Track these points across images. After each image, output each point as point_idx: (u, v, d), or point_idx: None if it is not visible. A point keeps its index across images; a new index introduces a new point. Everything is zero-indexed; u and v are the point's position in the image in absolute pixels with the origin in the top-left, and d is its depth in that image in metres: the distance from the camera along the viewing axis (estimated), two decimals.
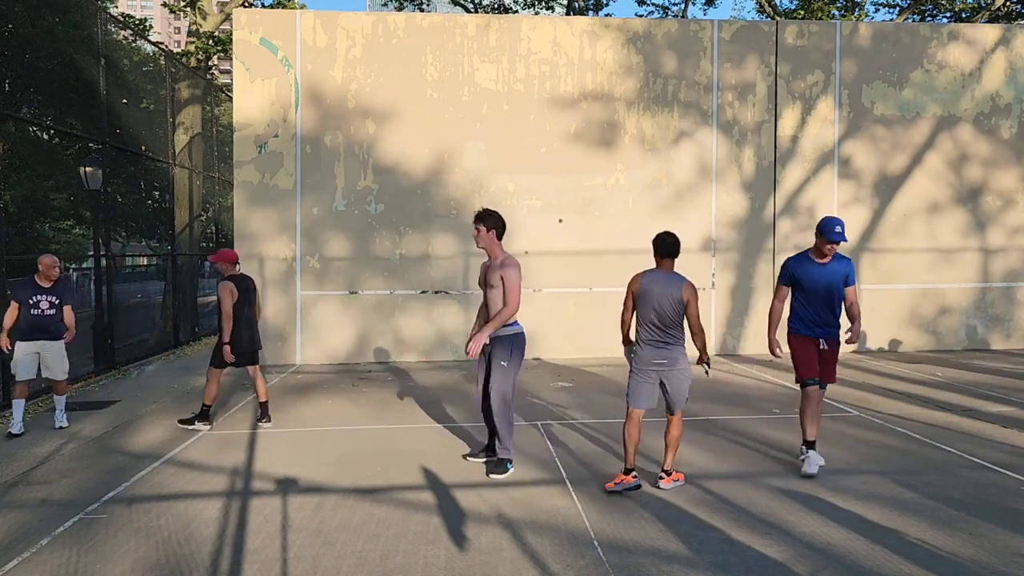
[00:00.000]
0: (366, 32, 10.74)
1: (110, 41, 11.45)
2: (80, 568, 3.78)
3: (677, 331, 4.92)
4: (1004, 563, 3.76)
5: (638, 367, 4.94)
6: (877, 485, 5.00)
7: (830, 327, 5.46)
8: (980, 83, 11.66)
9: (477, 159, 10.90)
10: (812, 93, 11.44)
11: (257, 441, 6.29)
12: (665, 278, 4.89)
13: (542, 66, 11.02)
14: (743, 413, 7.28)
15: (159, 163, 12.68)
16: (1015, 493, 4.83)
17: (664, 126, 11.21)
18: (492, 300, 5.22)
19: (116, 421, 7.05)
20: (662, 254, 4.98)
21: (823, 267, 5.37)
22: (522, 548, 4.00)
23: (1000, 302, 11.75)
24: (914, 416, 7.06)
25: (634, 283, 4.99)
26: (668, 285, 4.84)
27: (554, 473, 5.35)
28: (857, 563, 3.77)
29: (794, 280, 5.48)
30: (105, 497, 4.85)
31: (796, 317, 5.55)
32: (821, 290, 5.36)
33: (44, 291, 6.64)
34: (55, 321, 6.71)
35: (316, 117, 10.68)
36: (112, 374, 9.79)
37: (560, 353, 11.00)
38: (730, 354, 11.33)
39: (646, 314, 4.88)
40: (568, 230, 11.04)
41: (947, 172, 11.63)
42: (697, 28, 11.34)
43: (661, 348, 4.88)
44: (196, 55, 14.60)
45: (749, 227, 11.39)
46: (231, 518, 4.46)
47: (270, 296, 10.61)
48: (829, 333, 5.47)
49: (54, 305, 6.68)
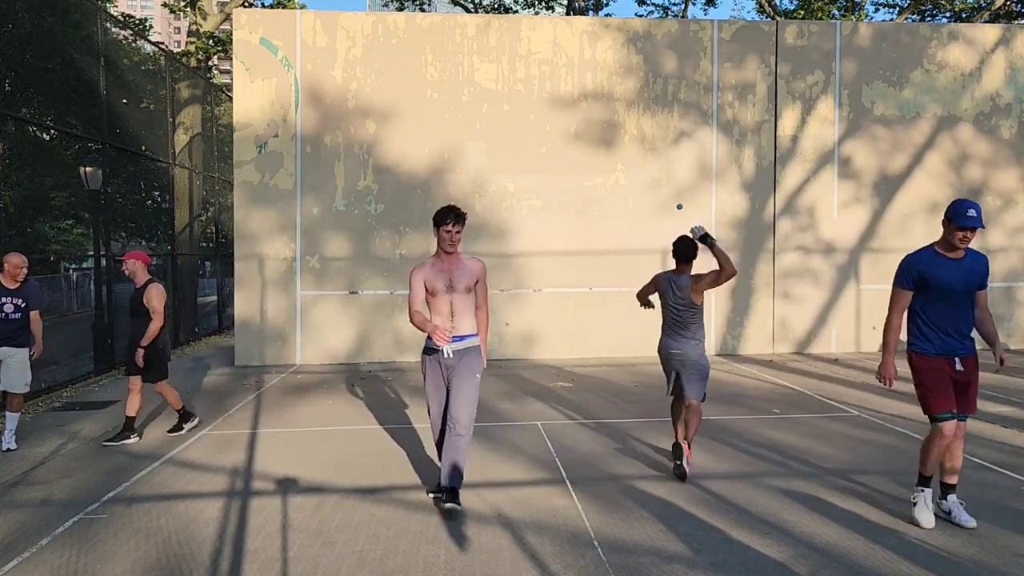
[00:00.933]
0: (366, 32, 10.75)
1: (110, 41, 11.45)
2: (80, 568, 3.78)
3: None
4: (1004, 563, 3.76)
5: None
6: (877, 485, 5.00)
7: (966, 341, 4.25)
8: (980, 83, 11.66)
9: (477, 159, 10.91)
10: (812, 93, 11.44)
11: (257, 441, 6.29)
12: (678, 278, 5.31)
13: (542, 66, 11.02)
14: (743, 413, 7.28)
15: (159, 163, 12.68)
16: (1015, 493, 4.83)
17: (664, 126, 11.21)
18: (464, 305, 4.53)
19: (116, 421, 7.05)
20: (678, 257, 5.30)
21: (958, 264, 4.18)
22: (522, 548, 4.00)
23: (1000, 302, 11.74)
24: (914, 416, 7.06)
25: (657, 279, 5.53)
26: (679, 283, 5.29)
27: (554, 473, 5.35)
28: (857, 563, 3.77)
29: (921, 282, 4.27)
30: (105, 497, 4.84)
31: (919, 332, 4.41)
32: (956, 294, 4.20)
33: (9, 292, 6.10)
34: (19, 327, 6.16)
35: (316, 117, 10.68)
36: (112, 374, 9.78)
37: (560, 353, 11.00)
38: (730, 354, 11.33)
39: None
40: (568, 230, 11.04)
41: (947, 172, 11.63)
42: (697, 28, 11.34)
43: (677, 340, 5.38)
44: (196, 55, 14.61)
45: (749, 227, 11.39)
46: (231, 518, 4.46)
47: (270, 296, 10.62)
48: (965, 349, 4.25)
49: (19, 308, 6.13)
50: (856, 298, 11.51)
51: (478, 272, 4.58)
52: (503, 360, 10.85)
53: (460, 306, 4.51)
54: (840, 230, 11.47)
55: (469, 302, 4.55)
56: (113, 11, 18.11)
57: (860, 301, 11.51)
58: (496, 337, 10.94)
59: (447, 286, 4.47)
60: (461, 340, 4.48)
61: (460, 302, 4.51)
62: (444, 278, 4.47)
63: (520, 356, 10.98)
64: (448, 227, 4.43)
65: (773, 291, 11.44)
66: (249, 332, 10.60)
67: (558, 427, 6.75)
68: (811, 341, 11.51)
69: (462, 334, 4.49)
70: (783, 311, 11.46)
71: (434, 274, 4.49)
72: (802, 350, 11.48)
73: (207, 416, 7.27)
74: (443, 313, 4.47)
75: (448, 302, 4.49)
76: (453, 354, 4.42)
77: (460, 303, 4.51)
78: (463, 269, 4.53)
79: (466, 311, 4.53)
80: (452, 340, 4.35)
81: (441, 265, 4.50)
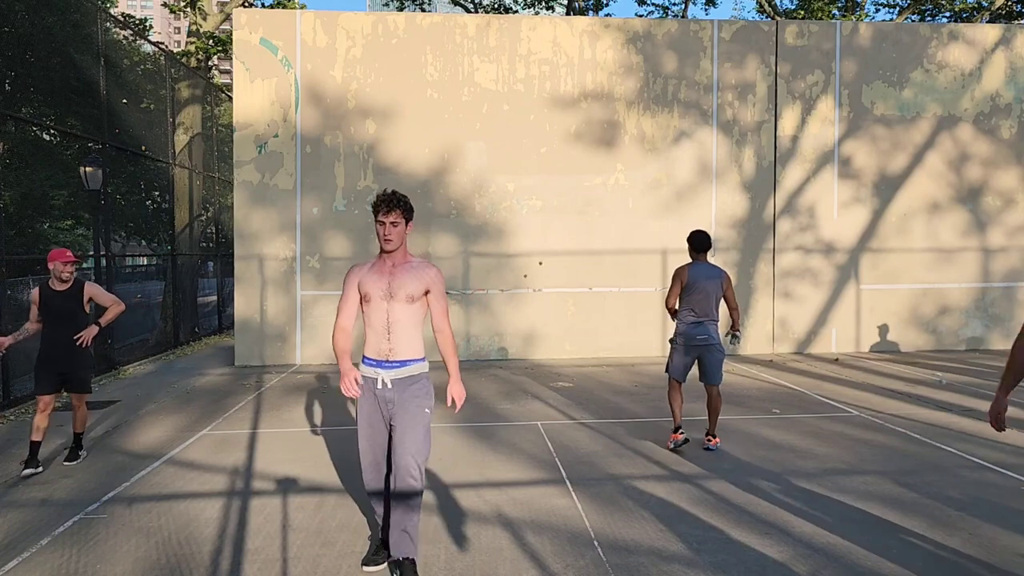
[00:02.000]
0: (366, 32, 10.74)
1: (110, 41, 11.45)
2: (80, 568, 3.78)
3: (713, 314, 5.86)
4: (1004, 563, 3.76)
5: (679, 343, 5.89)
6: (877, 485, 5.00)
7: None
8: (980, 83, 11.66)
9: (477, 159, 10.90)
10: (812, 93, 11.44)
11: (257, 441, 6.29)
12: (708, 269, 5.83)
13: (542, 66, 11.02)
14: (743, 413, 7.28)
15: (159, 163, 12.68)
16: (1015, 493, 4.83)
17: (664, 126, 11.21)
18: (406, 319, 3.57)
19: (116, 421, 7.05)
20: (699, 249, 5.85)
21: None
22: (522, 548, 4.00)
23: (1000, 302, 11.75)
24: (914, 416, 7.06)
25: (682, 273, 5.81)
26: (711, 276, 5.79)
27: (554, 473, 5.35)
28: (857, 563, 3.77)
29: None
30: (105, 497, 4.84)
31: None
32: None
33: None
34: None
35: (316, 117, 10.68)
36: (112, 374, 9.78)
37: (560, 353, 11.00)
38: (730, 354, 11.31)
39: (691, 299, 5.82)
40: (568, 230, 11.04)
41: (947, 172, 11.63)
42: (697, 28, 11.34)
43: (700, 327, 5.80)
44: (196, 55, 14.60)
45: (749, 227, 11.38)
46: (231, 518, 4.46)
47: (270, 296, 10.62)
48: None
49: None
50: (856, 298, 11.50)
51: (429, 280, 3.62)
52: (503, 360, 10.85)
53: (400, 320, 3.55)
54: (840, 230, 11.47)
55: (414, 316, 3.59)
56: (113, 11, 18.11)
57: (860, 301, 11.51)
58: (496, 336, 10.94)
59: (385, 293, 3.55)
60: (401, 366, 3.55)
61: (401, 315, 3.55)
62: (382, 282, 3.57)
63: (520, 356, 10.98)
64: (382, 217, 3.54)
65: (773, 291, 11.43)
66: (249, 332, 10.60)
67: (558, 427, 6.75)
68: (811, 341, 11.51)
69: (403, 358, 3.56)
70: (783, 311, 11.46)
71: (372, 276, 3.60)
72: (802, 350, 11.48)
73: (207, 416, 7.27)
74: (377, 328, 3.56)
75: (384, 314, 3.55)
76: (391, 383, 3.55)
77: (400, 316, 3.55)
78: (408, 274, 3.60)
79: (409, 328, 3.57)
80: (389, 366, 3.54)
81: (382, 267, 3.63)
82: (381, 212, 3.53)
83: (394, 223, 3.53)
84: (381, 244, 3.54)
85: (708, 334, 5.77)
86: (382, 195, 3.57)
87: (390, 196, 3.56)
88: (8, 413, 7.40)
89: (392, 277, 3.58)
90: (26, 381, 7.75)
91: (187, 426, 6.85)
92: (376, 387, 3.57)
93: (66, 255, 5.55)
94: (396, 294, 3.55)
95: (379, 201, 3.55)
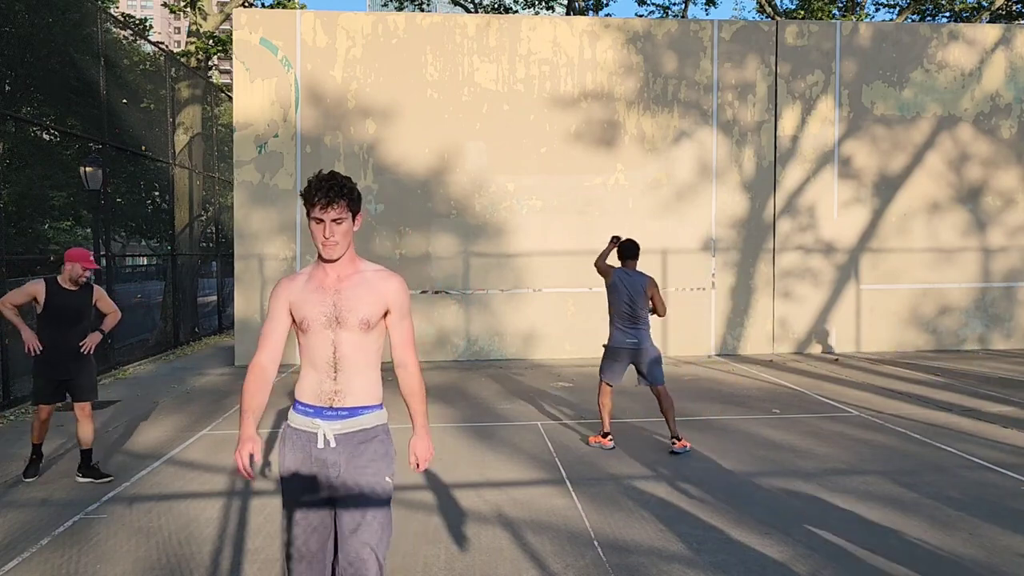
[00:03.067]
0: (366, 32, 10.74)
1: (110, 41, 11.45)
2: (80, 568, 3.78)
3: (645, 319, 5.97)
4: (1004, 563, 3.76)
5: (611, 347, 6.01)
6: (877, 485, 5.00)
7: None
8: (980, 83, 11.66)
9: (477, 159, 10.90)
10: (812, 93, 11.44)
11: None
12: (635, 275, 5.94)
13: (542, 66, 11.01)
14: (743, 413, 7.28)
15: (159, 163, 12.68)
16: (1015, 493, 4.83)
17: (664, 126, 11.21)
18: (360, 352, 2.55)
19: (116, 421, 7.05)
20: (627, 256, 6.01)
21: None
22: (522, 548, 4.00)
23: (1000, 302, 11.75)
24: (914, 416, 7.06)
25: (609, 271, 5.98)
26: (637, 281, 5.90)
27: (554, 473, 5.35)
28: (857, 563, 3.77)
29: None
30: (105, 497, 4.84)
31: None
32: None
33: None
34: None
35: (316, 117, 10.68)
36: (112, 374, 9.78)
37: (560, 353, 11.00)
38: (730, 354, 11.33)
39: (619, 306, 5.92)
40: (568, 230, 11.04)
41: (947, 172, 11.63)
42: (697, 28, 11.34)
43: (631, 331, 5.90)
44: (196, 55, 14.60)
45: (749, 227, 11.38)
46: (231, 518, 4.46)
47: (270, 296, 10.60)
48: None
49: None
50: (856, 298, 11.50)
51: (390, 297, 2.57)
52: (503, 360, 10.85)
53: (351, 355, 2.52)
54: (840, 230, 11.47)
55: (370, 348, 2.56)
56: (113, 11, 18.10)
57: (860, 301, 11.51)
58: (496, 336, 10.94)
59: (329, 318, 2.51)
60: (351, 415, 2.52)
61: (353, 347, 2.51)
62: (324, 304, 2.52)
63: (520, 356, 10.98)
64: (320, 213, 2.45)
65: (773, 291, 11.43)
66: (249, 332, 10.59)
67: (558, 427, 6.75)
68: (811, 341, 11.51)
69: (353, 404, 2.52)
70: (783, 311, 11.46)
71: (309, 296, 2.54)
72: (802, 350, 11.48)
73: (207, 416, 7.27)
74: (319, 363, 2.53)
75: (329, 346, 2.51)
76: (336, 440, 2.49)
77: (352, 349, 2.51)
78: (360, 289, 2.53)
79: (363, 364, 2.54)
80: (333, 415, 2.50)
81: (322, 280, 2.55)
82: (319, 206, 2.43)
83: (337, 220, 2.45)
84: (320, 250, 2.49)
85: (638, 339, 5.86)
86: (317, 180, 2.45)
87: (329, 181, 2.44)
88: (8, 413, 7.40)
89: (338, 296, 2.51)
90: (26, 381, 7.74)
91: (187, 426, 6.85)
92: (314, 446, 2.49)
93: (89, 259, 5.16)
94: (346, 319, 2.49)
95: (313, 189, 2.44)
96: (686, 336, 11.21)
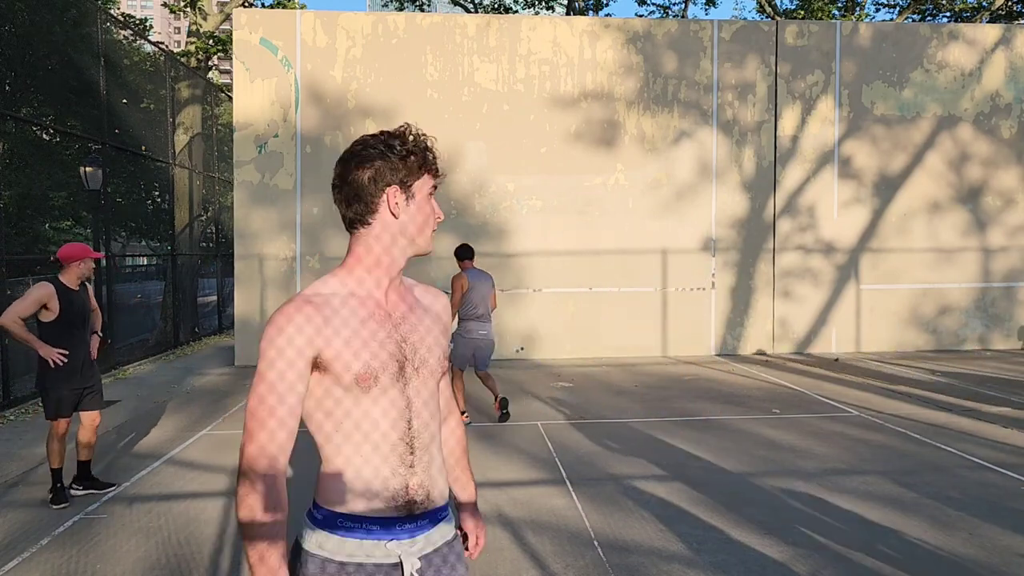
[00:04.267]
0: (366, 32, 10.74)
1: (110, 41, 11.45)
2: (80, 568, 3.78)
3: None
4: (1004, 563, 3.76)
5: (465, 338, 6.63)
6: (877, 485, 5.00)
7: None
8: (980, 83, 11.66)
9: (477, 159, 10.90)
10: (812, 93, 11.44)
11: None
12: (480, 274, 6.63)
13: (542, 66, 11.01)
14: (743, 413, 7.28)
15: (159, 163, 12.68)
16: (1015, 493, 4.83)
17: (664, 126, 11.21)
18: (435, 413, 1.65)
19: (116, 421, 7.05)
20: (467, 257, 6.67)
21: None
22: (522, 548, 4.00)
23: (1000, 302, 11.75)
24: (914, 416, 7.06)
25: (462, 279, 6.52)
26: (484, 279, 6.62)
27: (554, 473, 5.35)
28: (857, 563, 3.77)
29: None
30: (105, 497, 4.84)
31: None
32: None
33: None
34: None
35: (316, 117, 10.68)
36: (112, 374, 9.78)
37: (560, 353, 11.00)
38: (730, 354, 11.33)
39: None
40: (568, 230, 11.04)
41: (947, 172, 11.63)
42: (697, 28, 11.34)
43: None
44: (196, 55, 14.60)
45: (749, 227, 11.39)
46: (231, 518, 4.46)
47: (270, 296, 10.61)
48: None
49: None
50: (856, 298, 11.50)
51: (445, 320, 1.77)
52: (503, 360, 10.85)
53: (429, 420, 1.62)
54: (840, 230, 11.47)
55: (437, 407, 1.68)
56: (113, 11, 18.11)
57: (860, 301, 11.51)
58: (496, 335, 10.91)
59: (401, 364, 1.58)
60: (437, 519, 1.63)
61: (428, 407, 1.63)
62: (389, 341, 1.57)
63: (520, 356, 10.98)
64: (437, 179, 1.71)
65: (773, 291, 11.43)
66: (249, 332, 10.59)
67: (558, 427, 6.75)
68: (811, 341, 11.51)
69: (438, 503, 1.63)
70: (783, 311, 11.46)
71: (358, 329, 1.55)
72: (802, 350, 11.48)
73: (207, 416, 7.27)
74: (385, 442, 1.56)
75: (404, 409, 1.57)
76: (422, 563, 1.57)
77: (429, 411, 1.63)
78: (421, 313, 1.69)
79: (436, 433, 1.66)
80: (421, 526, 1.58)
81: (379, 303, 1.61)
82: (436, 171, 1.69)
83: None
84: (424, 243, 1.66)
85: (487, 331, 6.64)
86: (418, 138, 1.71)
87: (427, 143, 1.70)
88: (8, 413, 7.40)
89: (406, 326, 1.62)
90: (26, 381, 7.74)
91: (187, 426, 6.85)
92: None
93: (91, 250, 4.79)
94: (425, 361, 1.63)
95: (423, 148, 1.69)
96: (686, 336, 11.21)
